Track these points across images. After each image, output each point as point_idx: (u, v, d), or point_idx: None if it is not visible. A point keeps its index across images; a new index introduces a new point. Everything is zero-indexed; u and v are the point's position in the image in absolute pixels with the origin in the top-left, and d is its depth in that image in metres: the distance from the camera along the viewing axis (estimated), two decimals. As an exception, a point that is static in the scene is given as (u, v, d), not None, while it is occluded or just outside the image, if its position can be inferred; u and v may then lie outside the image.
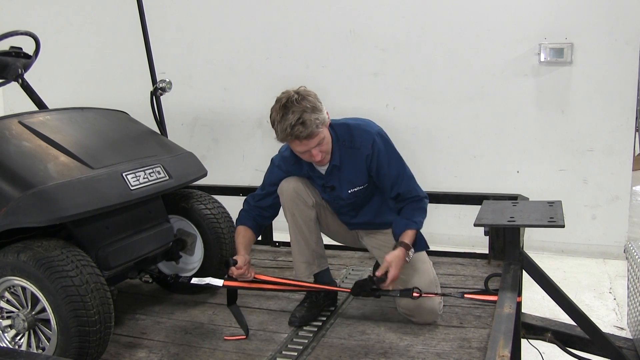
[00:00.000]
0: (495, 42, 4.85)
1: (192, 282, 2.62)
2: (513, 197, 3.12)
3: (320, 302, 2.68)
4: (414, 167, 2.65)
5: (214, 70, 5.68)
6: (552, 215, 2.48)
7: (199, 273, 2.88)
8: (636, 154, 5.83)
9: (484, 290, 2.44)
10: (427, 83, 5.06)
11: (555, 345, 2.76)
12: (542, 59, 4.72)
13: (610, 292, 4.21)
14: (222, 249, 2.89)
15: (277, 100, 2.42)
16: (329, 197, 2.67)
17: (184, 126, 5.78)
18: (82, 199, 2.26)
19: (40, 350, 2.22)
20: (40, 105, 3.15)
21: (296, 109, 2.35)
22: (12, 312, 2.26)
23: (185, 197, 2.95)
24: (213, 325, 2.65)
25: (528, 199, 3.11)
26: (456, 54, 4.96)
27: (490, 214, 2.61)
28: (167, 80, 3.00)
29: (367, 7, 5.13)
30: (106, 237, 2.47)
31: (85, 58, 6.09)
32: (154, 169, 2.61)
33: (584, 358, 2.71)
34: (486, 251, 3.31)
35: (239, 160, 5.70)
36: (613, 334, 2.99)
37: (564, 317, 2.67)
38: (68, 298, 2.10)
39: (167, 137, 3.05)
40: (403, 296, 2.44)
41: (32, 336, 2.24)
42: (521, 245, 2.54)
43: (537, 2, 4.75)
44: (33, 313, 2.21)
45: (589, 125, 4.73)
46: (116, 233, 2.52)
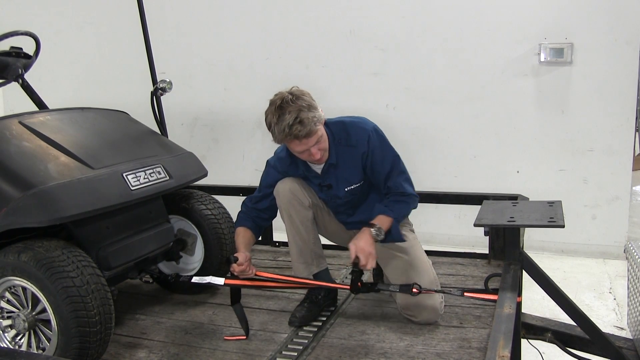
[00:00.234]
0: (495, 42, 4.85)
1: (193, 281, 2.62)
2: (513, 197, 3.12)
3: (320, 302, 2.68)
4: (414, 167, 2.65)
5: (214, 70, 5.68)
6: (552, 215, 2.48)
7: (199, 273, 2.88)
8: (636, 154, 5.83)
9: (484, 290, 2.44)
10: (427, 83, 5.06)
11: (555, 345, 2.77)
12: (542, 59, 4.72)
13: (610, 292, 4.21)
14: (223, 249, 2.89)
15: (271, 103, 2.41)
16: (326, 196, 2.67)
17: (184, 126, 5.78)
18: (82, 199, 2.26)
19: (41, 351, 2.22)
20: (41, 105, 3.15)
21: (292, 109, 2.34)
22: (13, 312, 2.26)
23: (186, 197, 2.95)
24: (213, 325, 2.66)
25: (528, 199, 3.11)
26: (456, 54, 4.96)
27: (490, 214, 2.61)
28: (167, 80, 3.00)
29: (367, 7, 5.12)
30: (106, 238, 2.47)
31: (85, 58, 6.09)
32: (155, 169, 2.61)
33: (584, 358, 2.71)
34: (486, 251, 3.31)
35: (239, 160, 5.71)
36: (613, 334, 2.99)
37: (564, 317, 2.67)
38: (69, 298, 2.10)
39: (167, 137, 3.06)
40: (402, 292, 2.43)
41: (33, 336, 2.24)
42: (521, 245, 2.55)
43: (537, 2, 4.75)
44: (33, 313, 2.21)
45: (589, 125, 4.73)
46: (116, 233, 2.52)
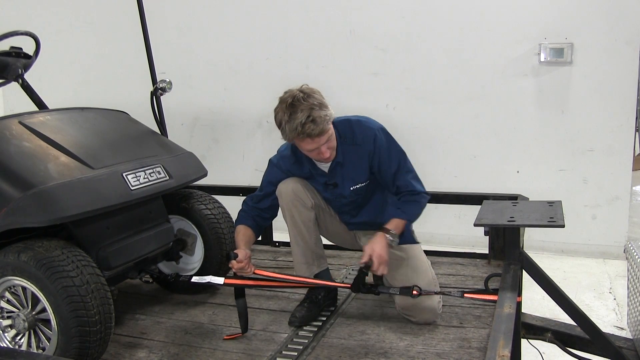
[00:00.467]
0: (495, 42, 4.85)
1: (193, 280, 2.62)
2: (513, 197, 3.12)
3: (320, 302, 2.68)
4: (414, 166, 2.65)
5: (214, 70, 5.68)
6: (552, 215, 2.48)
7: (199, 273, 2.88)
8: (636, 154, 5.83)
9: (484, 290, 2.44)
10: (427, 83, 5.06)
11: (555, 345, 2.76)
12: (542, 59, 4.72)
13: (610, 292, 4.21)
14: (223, 249, 2.89)
15: (281, 101, 2.39)
16: (331, 195, 2.66)
17: (184, 126, 5.78)
18: (82, 199, 2.26)
19: (41, 351, 2.22)
20: (41, 105, 3.15)
21: (304, 107, 2.32)
22: (13, 312, 2.26)
23: (186, 197, 2.95)
24: (213, 325, 2.65)
25: (528, 199, 3.11)
26: (456, 54, 4.96)
27: (490, 214, 2.61)
28: (167, 80, 3.00)
29: (367, 7, 5.13)
30: (106, 237, 2.47)
31: (85, 58, 6.09)
32: (154, 169, 2.61)
33: (584, 358, 2.71)
34: (486, 251, 3.31)
35: (239, 160, 5.71)
36: (613, 334, 2.99)
37: (564, 317, 2.67)
38: (68, 298, 2.10)
39: (167, 137, 3.05)
40: (403, 294, 2.43)
41: (33, 336, 2.24)
42: (521, 245, 2.54)
43: (537, 2, 4.75)
44: (33, 313, 2.21)
45: (589, 125, 4.73)
46: (116, 233, 2.52)
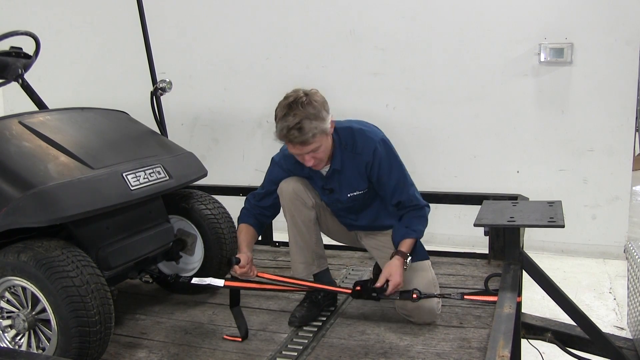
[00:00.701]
0: (495, 42, 4.85)
1: (193, 282, 2.62)
2: (513, 197, 3.12)
3: (320, 302, 2.68)
4: (414, 167, 2.65)
5: (214, 70, 5.68)
6: (552, 215, 2.48)
7: (199, 273, 2.88)
8: (636, 154, 5.83)
9: (484, 291, 2.44)
10: (427, 83, 5.06)
11: (555, 345, 2.77)
12: (542, 59, 4.72)
13: (610, 292, 4.21)
14: (223, 249, 2.89)
15: (285, 97, 2.38)
16: (328, 200, 2.66)
17: (184, 126, 5.78)
18: (82, 199, 2.26)
19: (41, 351, 2.22)
20: (41, 105, 3.15)
21: (298, 113, 2.30)
22: (13, 312, 2.26)
23: (186, 197, 2.94)
24: (213, 325, 2.65)
25: (528, 199, 3.11)
26: (456, 54, 4.96)
27: (490, 214, 2.61)
28: (167, 80, 3.00)
29: (367, 7, 5.13)
30: (106, 237, 2.47)
31: (85, 58, 6.10)
32: (154, 169, 2.60)
33: (584, 358, 2.71)
34: (486, 251, 3.30)
35: (239, 160, 5.71)
36: (613, 334, 3.00)
37: (564, 317, 2.67)
38: (68, 298, 2.10)
39: (167, 137, 3.05)
40: (403, 298, 2.44)
41: (32, 336, 2.24)
42: (521, 245, 2.55)
43: (537, 2, 4.75)
44: (33, 313, 2.21)
45: (589, 125, 4.73)
46: (116, 233, 2.52)
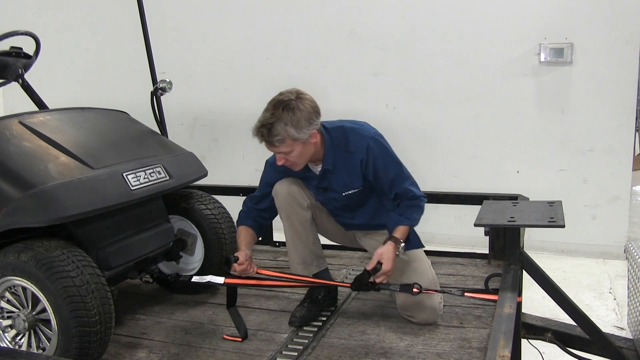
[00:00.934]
0: (495, 42, 4.85)
1: (193, 280, 2.61)
2: (513, 197, 3.12)
3: (320, 302, 2.68)
4: (414, 167, 2.65)
5: (214, 70, 5.68)
6: (552, 215, 2.48)
7: (199, 273, 2.88)
8: (636, 154, 5.83)
9: (485, 290, 2.44)
10: (427, 83, 5.06)
11: (555, 345, 2.77)
12: (542, 59, 4.72)
13: (610, 292, 4.22)
14: (223, 249, 2.89)
15: (279, 93, 2.40)
16: (324, 199, 2.66)
17: (184, 126, 5.78)
18: (82, 199, 2.26)
19: (41, 351, 2.22)
20: (41, 105, 3.15)
21: (276, 114, 2.32)
22: (13, 312, 2.26)
23: (186, 197, 2.95)
24: (213, 325, 2.65)
25: (528, 199, 3.11)
26: (456, 54, 4.96)
27: (491, 214, 2.61)
28: (168, 80, 3.00)
29: (367, 7, 5.13)
30: (107, 237, 2.47)
31: (85, 58, 6.09)
32: (155, 169, 2.61)
33: (584, 358, 2.71)
34: (486, 251, 3.30)
35: (239, 160, 5.70)
36: (613, 334, 3.00)
37: (564, 317, 2.67)
38: (69, 298, 2.10)
39: (167, 137, 3.05)
40: (403, 291, 2.42)
41: (33, 336, 2.24)
42: (521, 245, 2.55)
43: (537, 2, 4.75)
44: (33, 313, 2.21)
45: (589, 125, 4.73)
46: (117, 233, 2.52)
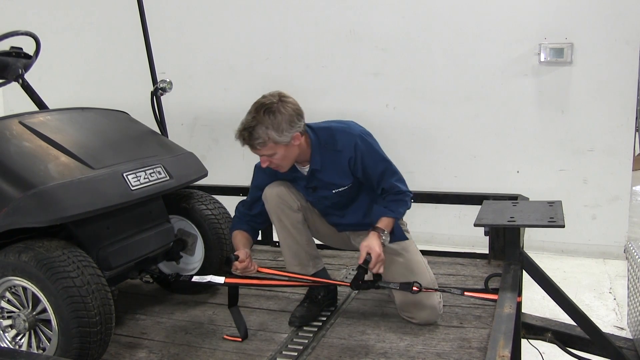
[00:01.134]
0: (495, 42, 4.86)
1: (193, 280, 2.61)
2: (513, 197, 3.13)
3: (320, 301, 2.68)
4: (414, 167, 2.65)
5: (214, 70, 5.68)
6: (552, 215, 2.49)
7: (199, 273, 2.88)
8: (636, 154, 5.83)
9: (484, 290, 2.44)
10: (427, 83, 5.06)
11: (555, 345, 2.77)
12: (542, 59, 4.72)
13: (610, 292, 4.22)
14: (223, 249, 2.89)
15: (262, 96, 2.39)
16: (313, 199, 2.65)
17: (184, 126, 5.78)
18: (82, 199, 2.26)
19: (41, 351, 2.22)
20: (41, 105, 3.15)
21: (257, 117, 2.32)
22: (13, 312, 2.26)
23: (186, 197, 2.95)
24: (213, 325, 2.65)
25: (528, 199, 3.11)
26: (456, 54, 4.96)
27: (491, 214, 2.61)
28: (168, 80, 3.00)
29: (367, 7, 5.13)
30: (107, 238, 2.47)
31: (85, 58, 6.10)
32: (155, 169, 2.61)
33: (584, 358, 2.71)
34: (486, 251, 3.30)
35: (239, 160, 5.68)
36: (613, 334, 3.00)
37: (564, 317, 2.67)
38: (69, 299, 2.10)
39: (167, 137, 3.06)
40: (403, 289, 2.42)
41: (33, 336, 2.24)
42: (521, 245, 2.55)
43: (537, 2, 4.76)
44: (34, 313, 2.21)
45: (589, 125, 4.73)
46: (117, 233, 2.52)
